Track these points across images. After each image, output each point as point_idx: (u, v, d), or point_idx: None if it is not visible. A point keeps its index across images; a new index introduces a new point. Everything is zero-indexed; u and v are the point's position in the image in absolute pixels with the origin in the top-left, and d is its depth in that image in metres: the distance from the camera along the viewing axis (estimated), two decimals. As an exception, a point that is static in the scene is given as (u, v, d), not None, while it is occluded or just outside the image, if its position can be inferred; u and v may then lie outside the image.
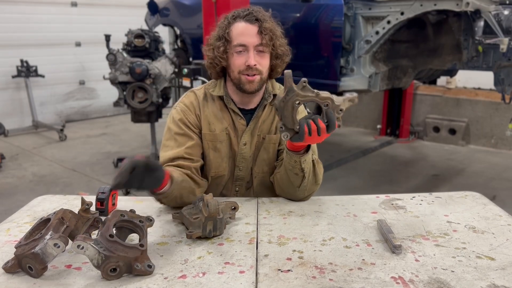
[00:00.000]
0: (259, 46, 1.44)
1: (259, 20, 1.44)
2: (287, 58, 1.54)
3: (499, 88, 3.15)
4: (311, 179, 1.46)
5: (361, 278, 1.03)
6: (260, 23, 1.43)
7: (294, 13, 3.74)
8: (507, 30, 2.83)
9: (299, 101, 1.23)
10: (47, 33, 6.50)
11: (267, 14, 1.49)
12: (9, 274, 1.04)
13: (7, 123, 5.80)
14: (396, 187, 4.13)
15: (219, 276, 1.03)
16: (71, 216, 1.13)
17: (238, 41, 1.44)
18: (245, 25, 1.44)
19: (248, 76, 1.45)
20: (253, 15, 1.44)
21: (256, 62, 1.44)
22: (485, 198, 1.56)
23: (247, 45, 1.43)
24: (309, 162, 1.42)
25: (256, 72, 1.45)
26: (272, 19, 1.49)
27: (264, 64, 1.47)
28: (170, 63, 4.26)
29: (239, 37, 1.44)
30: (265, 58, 1.47)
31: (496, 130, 5.27)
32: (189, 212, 1.30)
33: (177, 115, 1.55)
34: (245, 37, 1.43)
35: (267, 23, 1.44)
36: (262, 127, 1.57)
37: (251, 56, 1.43)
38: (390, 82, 3.67)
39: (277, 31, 1.48)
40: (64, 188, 4.12)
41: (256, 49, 1.44)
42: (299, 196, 1.51)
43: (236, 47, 1.45)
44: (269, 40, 1.44)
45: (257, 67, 1.45)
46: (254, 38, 1.43)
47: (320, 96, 1.24)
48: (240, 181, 1.61)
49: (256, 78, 1.46)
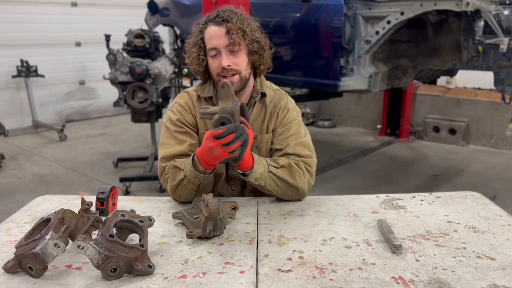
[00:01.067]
0: (229, 46, 1.44)
1: (225, 21, 1.44)
2: (265, 52, 1.53)
3: (499, 88, 3.15)
4: (284, 186, 1.46)
5: (361, 278, 1.03)
6: (226, 24, 1.44)
7: (294, 13, 3.74)
8: (507, 30, 2.83)
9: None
10: (47, 33, 6.50)
11: (237, 11, 1.49)
12: (9, 274, 1.04)
13: (7, 123, 5.80)
14: (396, 187, 4.13)
15: (219, 276, 1.03)
16: (71, 216, 1.13)
17: (210, 45, 1.47)
18: (213, 28, 1.46)
19: (226, 77, 1.46)
20: (219, 17, 1.46)
21: (230, 63, 1.45)
22: (485, 198, 1.56)
23: (217, 47, 1.45)
24: (263, 178, 1.42)
25: (233, 72, 1.46)
26: (243, 16, 1.49)
27: (240, 62, 1.47)
28: (170, 63, 4.26)
29: (210, 41, 1.46)
30: (239, 57, 1.47)
31: (496, 130, 5.27)
32: (189, 212, 1.30)
33: (174, 115, 1.56)
34: (215, 40, 1.45)
35: (234, 21, 1.44)
36: (253, 125, 1.57)
37: (224, 57, 1.45)
38: (390, 82, 3.66)
39: (248, 27, 1.47)
40: (64, 188, 4.12)
41: (228, 50, 1.45)
42: (292, 199, 1.52)
43: (210, 51, 1.47)
44: (238, 39, 1.44)
45: (232, 67, 1.46)
46: (223, 39, 1.44)
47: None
48: (235, 180, 1.62)
49: (235, 78, 1.47)
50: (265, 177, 1.43)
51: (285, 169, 1.46)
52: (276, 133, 1.58)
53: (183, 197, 1.47)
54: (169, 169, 1.46)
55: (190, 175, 1.39)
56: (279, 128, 1.58)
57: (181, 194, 1.46)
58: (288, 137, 1.55)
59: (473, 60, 3.27)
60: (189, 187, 1.42)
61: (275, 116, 1.59)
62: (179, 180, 1.43)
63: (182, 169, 1.42)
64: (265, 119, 1.59)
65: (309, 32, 3.62)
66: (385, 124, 5.92)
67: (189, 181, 1.41)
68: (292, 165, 1.47)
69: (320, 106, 6.86)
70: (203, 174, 1.38)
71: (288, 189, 1.48)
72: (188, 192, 1.44)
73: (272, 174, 1.44)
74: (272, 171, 1.44)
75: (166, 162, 1.50)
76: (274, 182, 1.45)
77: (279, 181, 1.45)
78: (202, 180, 1.40)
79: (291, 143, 1.53)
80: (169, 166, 1.47)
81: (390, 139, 5.72)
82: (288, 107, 1.60)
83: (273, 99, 1.61)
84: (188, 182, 1.41)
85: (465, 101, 5.46)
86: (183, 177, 1.41)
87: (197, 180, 1.40)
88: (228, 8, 1.50)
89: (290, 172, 1.47)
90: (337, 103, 6.54)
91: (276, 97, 1.62)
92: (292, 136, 1.56)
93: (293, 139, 1.55)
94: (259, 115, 1.58)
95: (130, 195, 3.91)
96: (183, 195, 1.47)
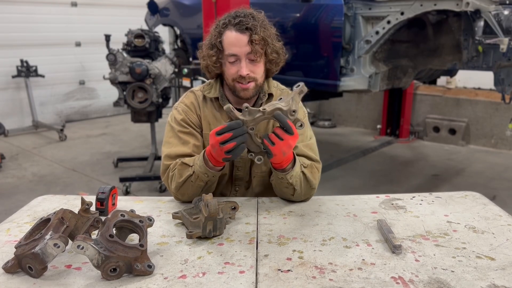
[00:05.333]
0: (250, 54, 1.42)
1: (248, 29, 1.41)
2: (282, 61, 1.53)
3: (499, 88, 3.15)
4: (305, 186, 1.46)
5: (361, 278, 1.03)
6: (250, 32, 1.41)
7: (294, 13, 3.74)
8: (507, 30, 2.83)
9: (251, 127, 1.25)
10: (47, 33, 6.50)
11: (259, 17, 1.46)
12: (9, 274, 1.04)
13: (7, 123, 5.80)
14: (396, 187, 4.13)
15: (219, 276, 1.03)
16: (71, 216, 1.13)
17: (229, 51, 1.43)
18: (235, 35, 1.42)
19: (242, 84, 1.45)
20: (243, 24, 1.41)
21: (249, 71, 1.43)
22: (485, 198, 1.56)
23: (238, 54, 1.42)
24: (297, 176, 1.41)
25: (250, 79, 1.45)
26: (264, 23, 1.46)
27: (258, 71, 1.46)
28: (170, 63, 4.26)
29: (230, 47, 1.43)
30: (258, 66, 1.46)
31: (496, 130, 5.27)
32: (189, 212, 1.30)
33: (179, 115, 1.55)
34: (236, 47, 1.42)
35: (258, 31, 1.41)
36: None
37: (243, 66, 1.42)
38: (390, 82, 3.67)
39: (269, 37, 1.45)
40: (64, 188, 4.12)
41: (248, 58, 1.43)
42: (296, 200, 1.52)
43: (228, 57, 1.44)
44: (260, 49, 1.42)
45: (250, 75, 1.44)
46: (245, 48, 1.41)
47: (268, 111, 1.24)
48: (240, 181, 1.61)
49: (250, 86, 1.46)
50: (299, 175, 1.42)
51: (308, 169, 1.47)
52: None
53: (186, 195, 1.47)
54: (176, 166, 1.46)
55: (199, 171, 1.39)
56: None
57: (185, 192, 1.45)
58: None
59: (473, 60, 3.28)
60: (196, 184, 1.42)
61: None
62: (186, 177, 1.42)
63: (191, 166, 1.42)
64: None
65: (309, 32, 3.62)
66: (385, 124, 5.92)
67: (197, 178, 1.40)
68: (312, 166, 1.49)
69: (320, 106, 6.86)
70: (212, 170, 1.38)
71: (306, 189, 1.47)
72: (194, 189, 1.43)
73: (303, 173, 1.44)
74: (303, 170, 1.44)
75: (170, 160, 1.50)
76: (300, 181, 1.43)
77: (304, 181, 1.44)
78: (211, 176, 1.40)
79: (299, 144, 1.52)
80: (174, 164, 1.47)
81: (390, 139, 5.72)
82: None
83: None
84: (196, 179, 1.40)
85: (465, 101, 5.47)
86: (192, 173, 1.41)
87: (206, 176, 1.39)
88: (249, 12, 1.46)
89: (312, 172, 1.47)
90: (337, 103, 6.54)
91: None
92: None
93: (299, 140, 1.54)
94: None
95: (130, 195, 3.91)
96: (187, 193, 1.46)
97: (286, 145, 1.26)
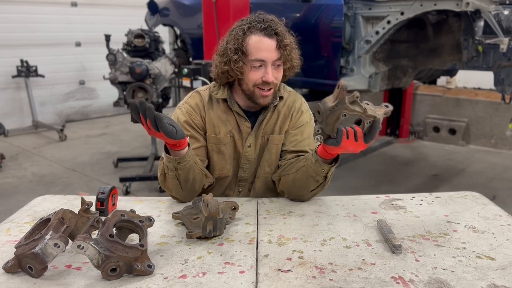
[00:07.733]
0: (277, 61, 1.41)
1: (277, 34, 1.39)
2: (299, 67, 1.52)
3: (499, 88, 3.15)
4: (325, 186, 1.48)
5: (361, 278, 1.03)
6: (278, 38, 1.39)
7: (294, 13, 3.74)
8: (507, 30, 2.84)
9: (346, 114, 1.20)
10: (47, 33, 6.49)
11: (282, 24, 1.45)
12: (9, 274, 1.04)
13: (7, 123, 5.80)
14: (396, 187, 4.13)
15: (219, 276, 1.03)
16: (71, 216, 1.13)
17: (256, 56, 1.40)
18: (263, 40, 1.39)
19: (263, 90, 1.44)
20: (271, 29, 1.39)
21: (274, 77, 1.42)
22: (485, 198, 1.56)
23: (265, 60, 1.40)
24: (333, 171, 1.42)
25: (272, 86, 1.44)
26: (286, 29, 1.45)
27: (280, 77, 1.46)
28: (170, 63, 4.26)
29: (258, 52, 1.39)
30: (280, 71, 1.45)
31: (496, 130, 5.27)
32: (189, 212, 1.30)
33: (183, 116, 1.53)
34: (264, 52, 1.39)
35: (285, 37, 1.40)
36: (266, 128, 1.56)
37: (269, 72, 1.40)
38: (390, 82, 3.67)
39: (293, 43, 1.45)
40: (64, 188, 4.12)
41: (273, 64, 1.42)
42: (305, 198, 1.51)
43: (253, 62, 1.41)
44: (287, 55, 1.41)
45: (274, 81, 1.43)
46: (273, 53, 1.39)
47: (367, 114, 1.20)
48: (244, 182, 1.61)
49: (270, 93, 1.45)
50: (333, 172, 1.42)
51: None
52: (288, 135, 1.56)
53: (171, 190, 1.46)
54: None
55: (166, 161, 1.38)
56: (292, 130, 1.56)
57: (168, 186, 1.45)
58: (301, 141, 1.54)
59: (473, 60, 3.28)
60: (170, 175, 1.40)
61: (289, 118, 1.57)
62: (161, 170, 1.42)
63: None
64: (278, 120, 1.56)
65: (309, 32, 3.62)
66: (385, 124, 5.91)
67: (168, 169, 1.38)
68: None
69: (320, 106, 6.85)
70: (172, 156, 1.34)
71: (322, 189, 1.48)
72: (171, 181, 1.41)
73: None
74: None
75: None
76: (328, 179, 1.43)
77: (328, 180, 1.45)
78: (176, 164, 1.35)
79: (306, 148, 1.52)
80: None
81: (390, 139, 5.72)
82: (302, 109, 1.59)
83: (287, 101, 1.58)
84: (168, 170, 1.39)
85: (465, 101, 5.47)
86: (163, 166, 1.41)
87: (171, 164, 1.36)
88: (272, 17, 1.44)
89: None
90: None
91: (291, 99, 1.59)
92: (305, 140, 1.55)
93: (305, 144, 1.54)
94: (271, 117, 1.56)
95: (130, 195, 3.91)
96: (168, 187, 1.45)
97: (355, 146, 1.22)
